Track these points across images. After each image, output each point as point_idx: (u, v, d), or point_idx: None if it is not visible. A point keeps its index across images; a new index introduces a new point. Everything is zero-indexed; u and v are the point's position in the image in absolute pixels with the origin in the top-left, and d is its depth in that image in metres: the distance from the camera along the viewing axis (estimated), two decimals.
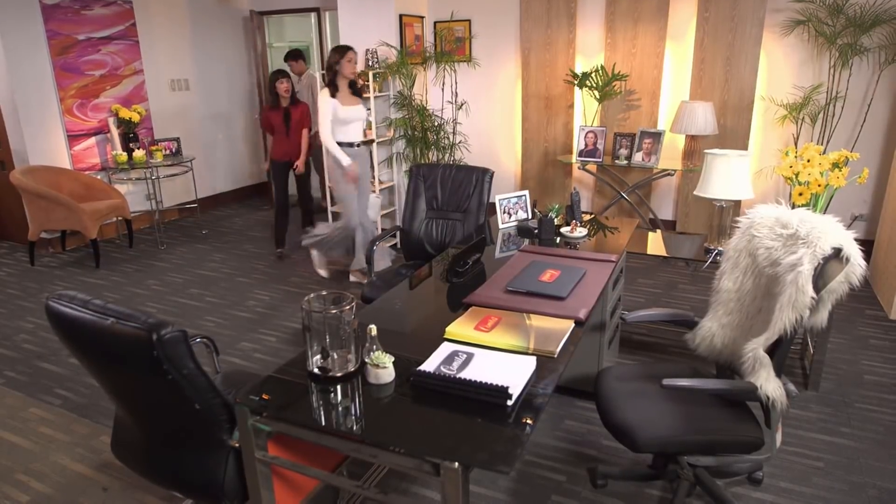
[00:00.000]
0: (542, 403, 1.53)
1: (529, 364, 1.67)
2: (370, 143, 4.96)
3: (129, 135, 5.76)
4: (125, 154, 5.61)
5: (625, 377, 2.18)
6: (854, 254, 1.78)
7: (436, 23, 5.95)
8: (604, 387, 2.13)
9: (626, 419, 1.93)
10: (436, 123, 5.50)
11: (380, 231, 5.02)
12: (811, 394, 2.98)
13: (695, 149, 4.88)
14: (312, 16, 7.12)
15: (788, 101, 4.83)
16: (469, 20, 5.86)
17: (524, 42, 5.63)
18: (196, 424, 1.68)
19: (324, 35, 7.18)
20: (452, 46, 5.92)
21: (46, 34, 5.23)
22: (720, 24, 4.88)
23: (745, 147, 5.02)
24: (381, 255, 4.48)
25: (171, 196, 6.48)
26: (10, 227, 5.67)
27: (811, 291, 1.75)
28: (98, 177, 5.61)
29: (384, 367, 1.63)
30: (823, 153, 2.84)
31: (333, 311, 1.64)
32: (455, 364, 1.66)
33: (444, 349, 1.77)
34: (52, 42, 5.28)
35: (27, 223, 5.07)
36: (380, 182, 5.22)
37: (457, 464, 1.33)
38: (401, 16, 5.24)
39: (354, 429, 1.47)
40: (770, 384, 1.84)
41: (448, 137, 5.65)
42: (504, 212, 3.20)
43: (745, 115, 4.97)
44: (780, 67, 4.88)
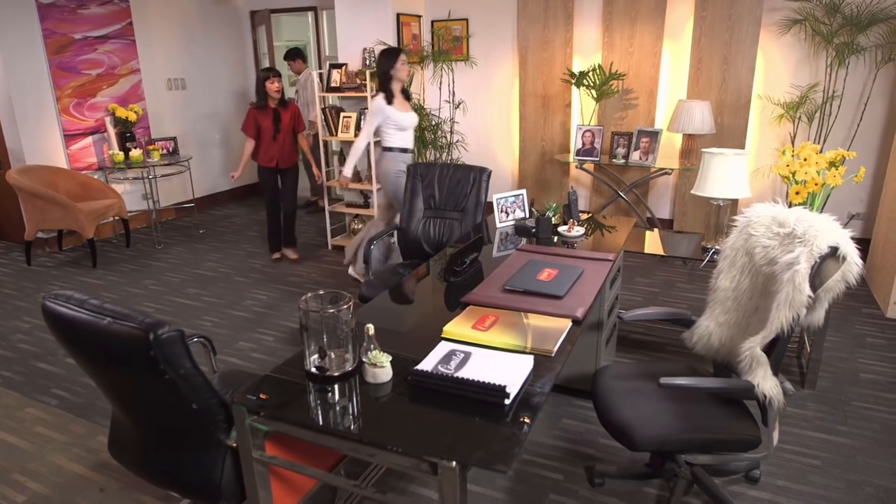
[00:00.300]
0: (540, 402, 1.54)
1: (527, 363, 1.67)
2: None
3: (126, 134, 5.75)
4: (122, 153, 5.59)
5: (622, 376, 2.18)
6: (850, 252, 1.78)
7: (433, 22, 5.95)
8: (601, 386, 2.13)
9: (624, 418, 1.94)
10: (433, 122, 5.50)
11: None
12: (808, 392, 2.99)
13: (692, 148, 4.89)
14: (309, 15, 7.12)
15: (785, 100, 4.83)
16: (466, 19, 5.86)
17: (521, 41, 5.63)
18: (193, 424, 1.67)
19: (321, 34, 7.18)
20: (450, 45, 5.92)
21: (42, 33, 5.21)
22: (717, 23, 4.89)
23: (742, 146, 5.03)
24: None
25: (168, 195, 6.47)
26: (7, 227, 5.65)
27: (808, 290, 1.75)
28: (95, 176, 5.59)
29: (382, 367, 1.63)
30: (820, 152, 2.84)
31: (331, 311, 1.64)
32: (452, 363, 1.66)
33: (442, 348, 1.77)
34: (49, 41, 5.26)
35: (23, 223, 5.06)
36: (377, 181, 5.22)
37: (454, 463, 1.33)
38: (398, 15, 5.24)
39: (352, 428, 1.47)
40: (767, 382, 1.84)
41: (445, 136, 5.65)
42: (501, 211, 3.20)
43: (742, 114, 4.98)
44: (777, 66, 4.89)
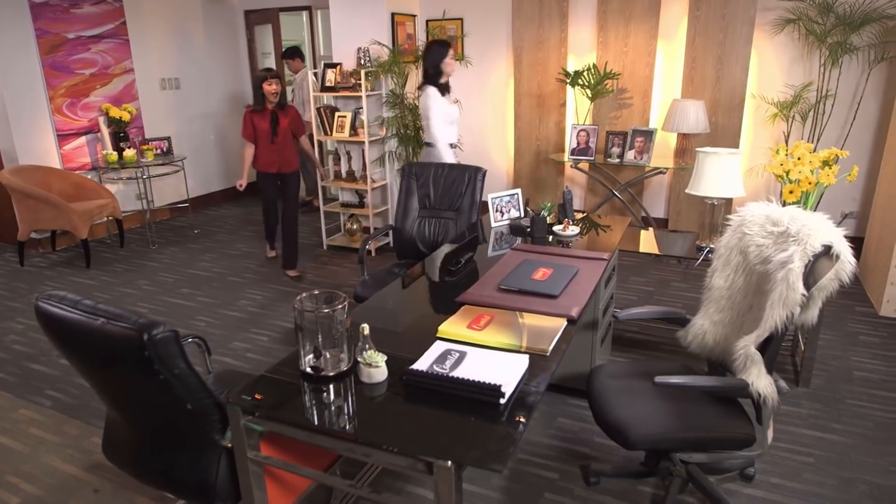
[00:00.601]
0: (535, 401, 1.54)
1: (522, 362, 1.68)
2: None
3: (120, 134, 5.71)
4: (115, 153, 5.57)
5: (617, 375, 2.18)
6: (844, 251, 1.79)
7: (428, 21, 5.94)
8: (596, 384, 2.13)
9: (619, 417, 1.94)
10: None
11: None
12: (802, 390, 3.00)
13: (686, 147, 4.90)
14: (304, 14, 7.10)
15: (779, 100, 4.85)
16: (461, 19, 5.86)
17: (516, 41, 5.63)
18: (188, 425, 1.67)
19: (315, 34, 7.16)
20: None
21: (35, 33, 5.18)
22: (711, 23, 4.90)
23: (737, 145, 5.04)
24: None
25: (162, 195, 6.44)
26: (0, 227, 5.62)
27: (802, 288, 1.76)
28: (88, 176, 5.57)
29: (377, 367, 1.62)
30: (814, 151, 2.85)
31: (325, 311, 1.64)
32: (448, 363, 1.66)
33: (437, 348, 1.77)
34: (41, 41, 5.23)
35: (16, 223, 5.03)
36: (372, 181, 5.21)
37: (450, 462, 1.33)
38: (393, 14, 5.23)
39: (347, 428, 1.46)
40: (761, 381, 1.85)
41: None
42: (496, 210, 3.20)
43: (737, 114, 4.99)
44: (771, 66, 4.91)
